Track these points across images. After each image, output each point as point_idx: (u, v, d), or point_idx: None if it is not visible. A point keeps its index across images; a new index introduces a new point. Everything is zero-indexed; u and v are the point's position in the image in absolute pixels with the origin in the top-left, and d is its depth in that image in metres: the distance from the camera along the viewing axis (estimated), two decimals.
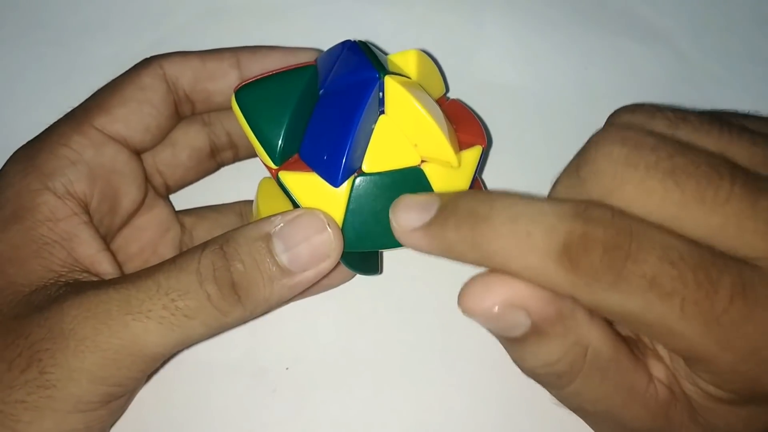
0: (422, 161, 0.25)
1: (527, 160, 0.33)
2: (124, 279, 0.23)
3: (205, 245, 0.23)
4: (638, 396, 0.21)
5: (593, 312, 0.21)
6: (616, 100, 0.33)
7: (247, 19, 0.35)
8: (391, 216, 0.22)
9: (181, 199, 0.31)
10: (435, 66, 0.28)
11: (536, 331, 0.21)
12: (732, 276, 0.19)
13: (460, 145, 0.26)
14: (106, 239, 0.27)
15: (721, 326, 0.19)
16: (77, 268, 0.24)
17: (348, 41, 0.26)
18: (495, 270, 0.20)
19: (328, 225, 0.23)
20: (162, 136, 0.28)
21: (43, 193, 0.25)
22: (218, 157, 0.31)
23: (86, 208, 0.26)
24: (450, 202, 0.21)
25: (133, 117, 0.27)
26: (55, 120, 0.27)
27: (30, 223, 0.24)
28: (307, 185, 0.24)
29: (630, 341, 0.22)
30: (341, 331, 0.31)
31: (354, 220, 0.24)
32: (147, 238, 0.29)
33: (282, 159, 0.25)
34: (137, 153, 0.28)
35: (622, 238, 0.19)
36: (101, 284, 0.23)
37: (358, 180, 0.24)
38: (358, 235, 0.25)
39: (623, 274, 0.19)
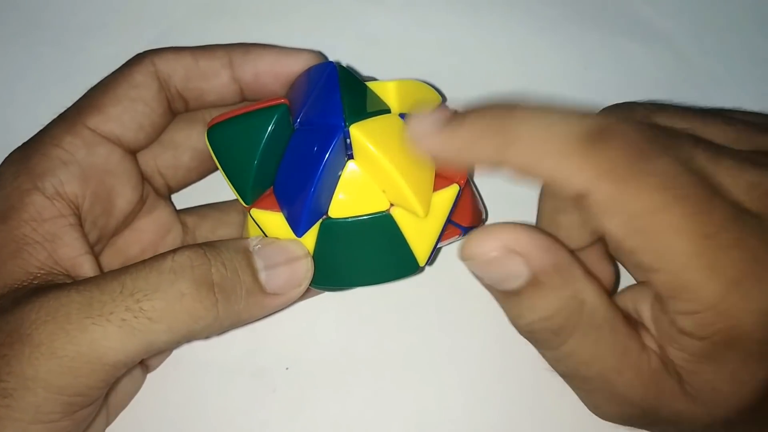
0: (391, 206, 0.24)
1: None
2: (90, 280, 0.22)
3: (179, 248, 0.23)
4: (631, 361, 0.21)
5: (588, 273, 0.21)
6: (616, 100, 0.32)
7: (247, 18, 0.35)
8: (408, 126, 0.22)
9: (182, 198, 0.31)
10: (422, 85, 0.27)
11: (534, 282, 0.21)
12: (726, 204, 0.20)
13: (438, 184, 0.25)
14: (101, 241, 0.27)
15: (716, 245, 0.19)
16: (55, 271, 0.24)
17: (331, 66, 0.25)
18: (512, 160, 0.20)
19: (306, 253, 0.24)
20: (156, 134, 0.28)
21: (32, 192, 0.24)
22: None
23: (76, 210, 0.25)
24: (469, 107, 0.22)
25: (126, 116, 0.26)
26: (52, 120, 0.27)
27: (14, 223, 0.24)
28: (277, 224, 0.25)
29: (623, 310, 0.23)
30: (341, 331, 0.31)
31: (321, 262, 0.25)
32: (148, 239, 0.29)
33: (253, 198, 0.25)
34: (131, 152, 0.27)
35: (643, 137, 0.20)
36: (66, 286, 0.22)
37: (325, 224, 0.24)
38: (325, 276, 0.25)
39: (640, 167, 0.19)
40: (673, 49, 0.36)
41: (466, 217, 0.27)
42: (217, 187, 0.31)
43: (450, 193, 0.25)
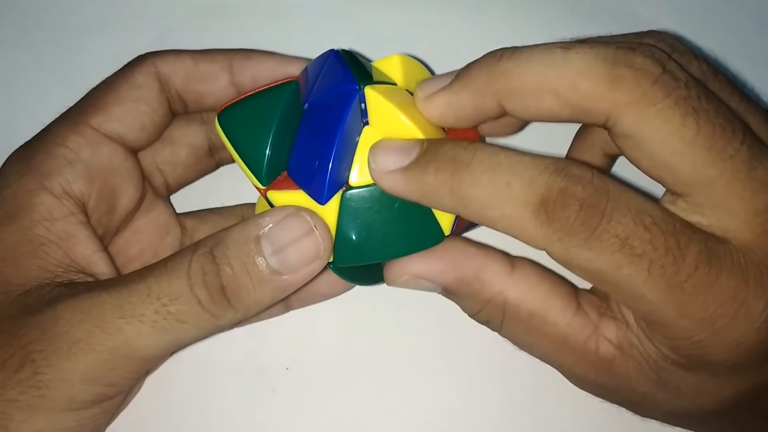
0: None
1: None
2: (117, 282, 0.23)
3: (195, 246, 0.23)
4: (575, 348, 0.23)
5: (514, 269, 0.23)
6: None
7: (247, 18, 0.35)
8: (369, 157, 0.23)
9: (182, 201, 0.31)
10: (422, 67, 0.27)
11: (448, 292, 0.24)
12: (699, 245, 0.20)
13: None
14: (104, 239, 0.27)
15: (683, 292, 0.20)
16: (73, 269, 0.24)
17: (332, 50, 0.25)
18: (468, 217, 0.22)
19: (315, 226, 0.23)
20: (157, 135, 0.28)
21: (40, 192, 0.25)
22: (217, 155, 0.31)
23: (83, 208, 0.26)
24: (431, 147, 0.22)
25: (129, 116, 0.27)
26: (53, 120, 0.27)
27: (26, 223, 0.24)
28: (296, 203, 0.24)
29: (587, 298, 0.24)
30: (341, 331, 0.31)
31: (345, 234, 0.24)
32: (147, 240, 0.29)
33: (269, 179, 0.25)
34: (133, 152, 0.28)
35: (600, 197, 0.20)
36: (94, 286, 0.23)
37: (346, 194, 0.24)
38: (352, 250, 0.24)
39: (597, 232, 0.20)
40: None
41: None
42: (215, 192, 0.32)
43: None
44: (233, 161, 0.31)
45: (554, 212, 0.20)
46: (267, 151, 0.24)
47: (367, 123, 0.24)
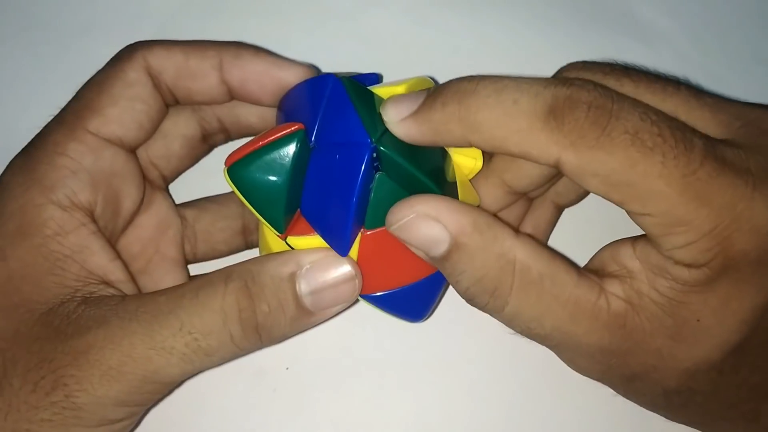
0: None
1: None
2: (145, 308, 0.23)
3: (227, 277, 0.23)
4: (586, 308, 0.22)
5: (518, 233, 0.22)
6: None
7: (247, 19, 0.35)
8: (381, 112, 0.23)
9: (180, 190, 0.31)
10: (430, 82, 0.26)
11: (456, 245, 0.22)
12: (703, 140, 0.21)
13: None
14: (111, 242, 0.27)
15: (699, 180, 0.20)
16: (92, 281, 0.24)
17: (331, 78, 0.25)
18: (480, 143, 0.22)
19: (356, 275, 0.24)
20: (154, 129, 0.28)
21: (47, 207, 0.24)
22: (210, 140, 0.30)
23: (92, 217, 0.25)
24: (437, 87, 0.23)
25: (126, 116, 0.26)
26: (48, 123, 0.26)
27: (39, 240, 0.24)
28: (316, 246, 0.24)
29: (583, 270, 0.23)
30: (341, 331, 0.31)
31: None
32: (148, 236, 0.29)
33: (286, 225, 0.25)
34: (132, 151, 0.27)
35: (605, 99, 0.21)
36: (121, 310, 0.23)
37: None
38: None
39: (607, 129, 0.20)
40: (673, 49, 0.36)
41: None
42: (213, 180, 0.31)
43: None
44: (226, 142, 0.31)
45: (563, 116, 0.20)
46: (282, 206, 0.24)
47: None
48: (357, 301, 0.25)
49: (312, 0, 0.36)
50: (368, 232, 0.24)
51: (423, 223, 0.22)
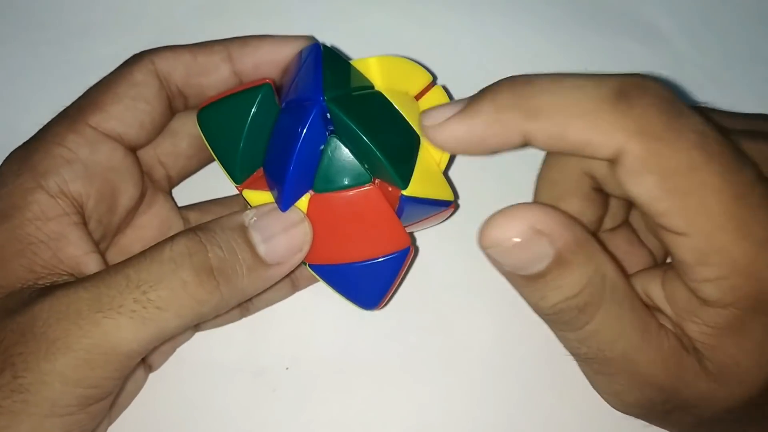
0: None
1: (527, 159, 0.33)
2: (95, 276, 0.23)
3: (175, 235, 0.23)
4: (652, 338, 0.21)
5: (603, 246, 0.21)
6: None
7: (247, 18, 0.35)
8: (421, 117, 0.23)
9: (184, 195, 0.31)
10: (407, 62, 0.27)
11: (559, 261, 0.20)
12: (752, 165, 0.20)
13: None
14: (105, 239, 0.27)
15: (747, 206, 0.19)
16: (59, 270, 0.24)
17: (315, 45, 0.26)
18: (537, 134, 0.20)
19: (305, 219, 0.24)
20: (156, 132, 0.28)
21: (35, 191, 0.24)
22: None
23: (80, 209, 0.25)
24: (483, 90, 0.21)
25: (128, 114, 0.26)
26: (51, 119, 0.27)
27: (18, 222, 0.24)
28: (266, 202, 0.25)
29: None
30: (341, 331, 0.31)
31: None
32: (150, 236, 0.29)
33: (243, 177, 0.25)
34: (133, 150, 0.27)
35: (673, 95, 0.19)
36: (72, 284, 0.23)
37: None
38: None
39: (677, 122, 0.19)
40: (673, 49, 0.36)
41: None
42: (218, 184, 0.31)
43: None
44: None
45: (633, 98, 0.19)
46: (238, 155, 0.25)
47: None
48: (304, 263, 0.25)
49: (312, 0, 0.36)
50: (317, 194, 0.24)
51: (534, 242, 0.20)
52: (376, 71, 0.26)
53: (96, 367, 0.22)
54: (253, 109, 0.25)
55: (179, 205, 0.31)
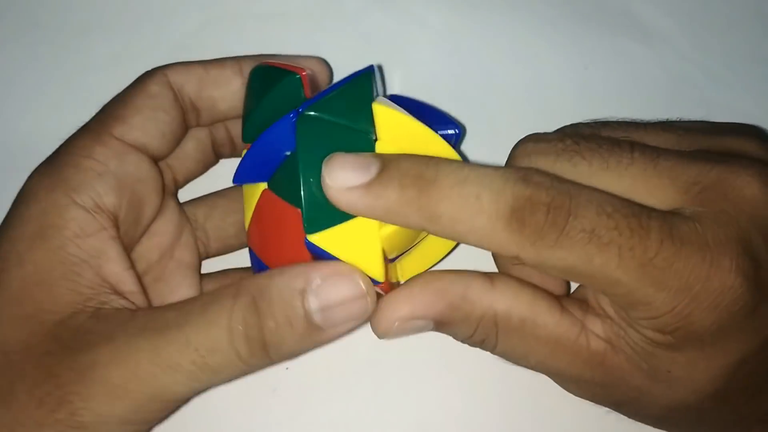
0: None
1: None
2: (153, 324, 0.23)
3: (236, 293, 0.23)
4: (567, 346, 0.23)
5: (495, 282, 0.23)
6: (616, 100, 0.33)
7: (247, 18, 0.35)
8: (324, 172, 0.22)
9: (185, 191, 0.31)
10: (432, 134, 0.25)
11: (440, 324, 0.24)
12: (659, 221, 0.21)
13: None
14: (129, 248, 0.27)
15: (655, 267, 0.21)
16: (104, 290, 0.24)
17: (369, 67, 0.25)
18: (437, 233, 0.22)
19: (368, 293, 0.23)
20: (176, 143, 0.28)
21: (71, 208, 0.24)
22: (218, 150, 0.31)
23: (115, 222, 0.25)
24: (393, 163, 0.22)
25: (149, 124, 0.26)
26: (56, 122, 0.27)
27: (58, 242, 0.24)
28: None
29: (569, 302, 0.24)
30: None
31: None
32: (166, 243, 0.29)
33: (247, 139, 0.25)
34: (155, 161, 0.27)
35: (563, 198, 0.21)
36: (129, 326, 0.23)
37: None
38: None
39: (566, 230, 0.21)
40: (673, 49, 0.36)
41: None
42: (214, 174, 0.31)
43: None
44: (230, 157, 0.31)
45: (524, 219, 0.21)
46: (250, 116, 0.26)
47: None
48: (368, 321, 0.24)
49: (312, 0, 0.36)
50: (267, 190, 0.24)
51: (409, 326, 0.23)
52: (392, 125, 0.24)
53: (152, 411, 0.23)
54: (274, 89, 0.25)
55: (183, 198, 0.31)
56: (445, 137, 0.25)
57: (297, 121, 0.23)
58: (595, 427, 0.29)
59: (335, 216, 0.23)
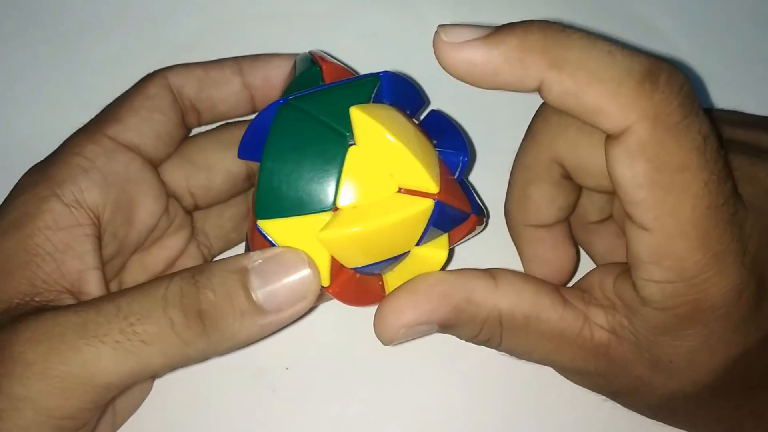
0: (399, 189, 0.23)
1: None
2: (87, 302, 0.22)
3: (175, 273, 0.22)
4: (570, 339, 0.23)
5: (497, 281, 0.23)
6: None
7: (246, 18, 0.35)
8: (438, 31, 0.21)
9: None
10: (413, 157, 0.23)
11: (445, 327, 0.24)
12: (731, 181, 0.21)
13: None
14: (122, 254, 0.27)
15: (711, 219, 0.20)
16: (59, 287, 0.23)
17: (380, 74, 0.25)
18: (553, 86, 0.20)
19: (309, 264, 0.22)
20: (173, 145, 0.28)
21: (50, 199, 0.24)
22: (253, 179, 0.30)
23: (96, 220, 0.25)
24: (511, 24, 0.21)
25: (144, 125, 0.26)
26: (56, 122, 0.27)
27: (29, 231, 0.23)
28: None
29: (570, 293, 0.24)
30: (341, 331, 0.31)
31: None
32: (173, 257, 0.29)
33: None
34: (151, 162, 0.27)
35: (693, 94, 0.20)
36: (65, 307, 0.22)
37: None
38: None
39: (689, 119, 0.19)
40: (673, 49, 0.36)
41: None
42: None
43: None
44: None
45: (659, 83, 0.19)
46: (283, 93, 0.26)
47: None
48: (315, 307, 0.24)
49: (312, 1, 0.36)
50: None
51: (414, 332, 0.23)
52: (370, 134, 0.23)
53: (71, 397, 0.21)
54: (297, 77, 0.26)
55: None
56: (447, 161, 0.25)
57: (279, 108, 0.23)
58: (597, 423, 0.29)
59: (289, 207, 0.23)
